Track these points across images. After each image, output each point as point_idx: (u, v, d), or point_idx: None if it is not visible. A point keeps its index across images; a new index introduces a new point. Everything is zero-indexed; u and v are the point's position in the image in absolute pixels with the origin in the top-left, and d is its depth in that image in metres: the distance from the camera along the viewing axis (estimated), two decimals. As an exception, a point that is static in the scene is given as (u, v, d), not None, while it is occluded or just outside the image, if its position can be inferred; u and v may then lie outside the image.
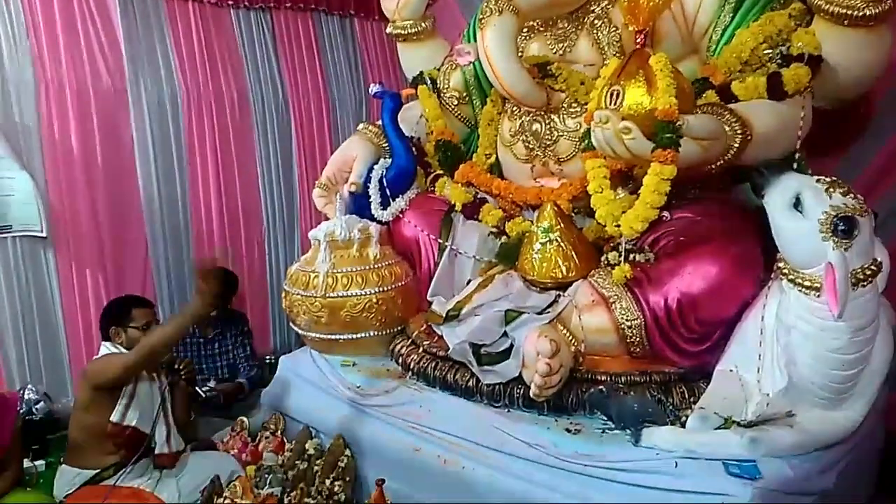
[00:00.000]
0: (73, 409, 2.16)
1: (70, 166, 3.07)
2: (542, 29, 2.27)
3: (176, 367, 2.26)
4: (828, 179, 1.56)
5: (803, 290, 1.53)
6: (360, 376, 2.18)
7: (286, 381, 2.39)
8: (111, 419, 2.01)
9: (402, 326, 2.28)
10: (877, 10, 1.73)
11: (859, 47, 1.85)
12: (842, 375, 1.54)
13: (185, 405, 2.27)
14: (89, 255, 3.13)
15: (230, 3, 3.60)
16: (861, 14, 1.74)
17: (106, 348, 2.17)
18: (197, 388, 2.54)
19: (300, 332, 2.33)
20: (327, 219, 2.34)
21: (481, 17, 2.04)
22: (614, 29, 2.09)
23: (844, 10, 1.75)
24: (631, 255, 1.84)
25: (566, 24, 2.20)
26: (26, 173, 2.89)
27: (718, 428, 1.59)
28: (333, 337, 2.24)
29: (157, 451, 2.08)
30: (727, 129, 1.69)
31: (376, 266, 2.21)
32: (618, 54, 2.04)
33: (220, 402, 2.93)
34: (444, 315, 2.05)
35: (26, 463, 2.33)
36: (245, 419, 2.45)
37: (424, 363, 2.05)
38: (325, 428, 2.16)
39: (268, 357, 3.42)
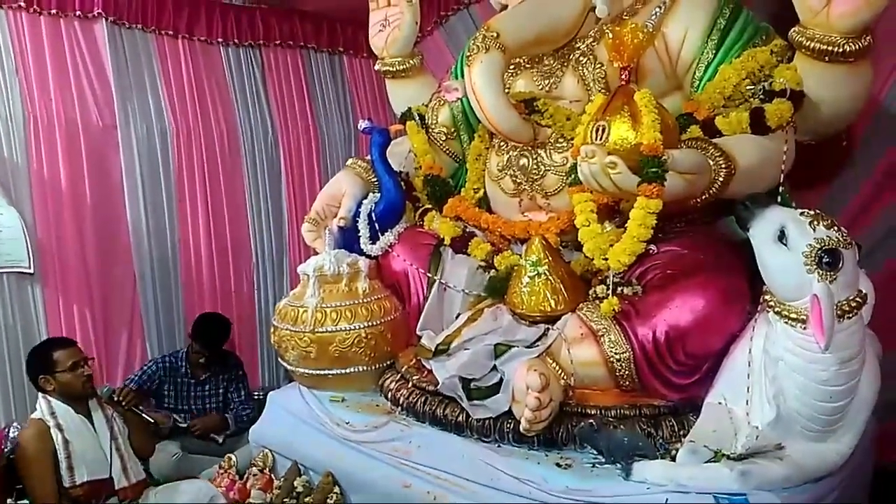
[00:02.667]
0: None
1: (58, 202, 3.06)
2: (528, 66, 2.30)
3: (115, 398, 2.25)
4: (811, 212, 1.57)
5: (790, 322, 1.54)
6: (349, 412, 2.16)
7: (275, 417, 2.36)
8: (64, 485, 2.00)
9: (391, 361, 2.27)
10: (856, 47, 1.76)
11: (840, 83, 1.88)
12: (830, 407, 1.54)
13: (143, 433, 2.25)
14: (77, 291, 3.11)
15: (220, 40, 3.65)
16: (841, 50, 1.77)
17: (40, 407, 2.16)
18: (144, 414, 2.51)
19: (289, 367, 2.31)
20: (316, 253, 2.34)
21: (468, 54, 2.06)
22: (599, 66, 2.13)
23: (825, 47, 1.79)
24: (619, 289, 1.85)
25: (552, 61, 2.24)
26: (14, 209, 2.89)
27: (708, 461, 1.58)
28: (322, 372, 2.22)
29: (116, 487, 2.06)
30: (711, 163, 1.72)
31: (365, 300, 2.21)
32: (603, 90, 2.07)
33: (200, 434, 2.91)
34: (433, 349, 2.04)
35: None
36: (233, 456, 2.42)
37: (414, 398, 2.04)
38: (314, 464, 2.13)
39: (256, 393, 3.39)
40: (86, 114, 3.17)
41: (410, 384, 2.09)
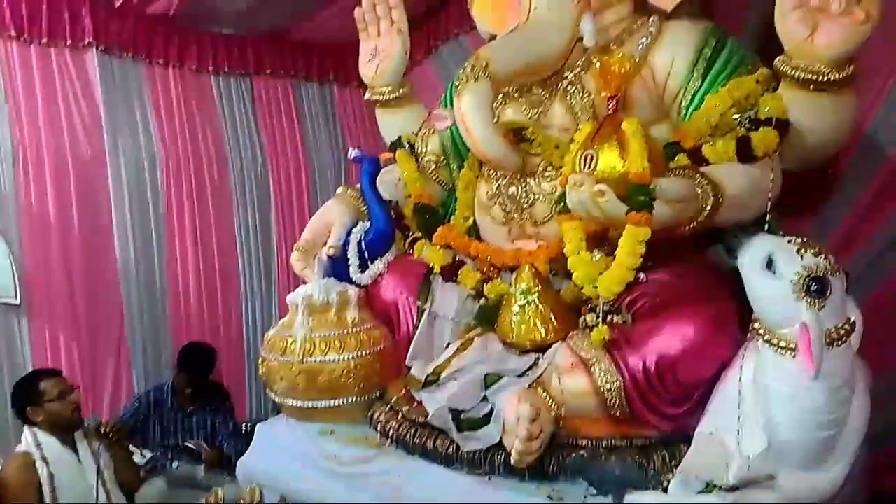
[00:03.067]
0: None
1: (46, 232, 3.05)
2: (516, 95, 2.31)
3: (102, 430, 2.21)
4: (799, 240, 1.58)
5: (779, 350, 1.53)
6: (338, 444, 2.13)
7: (262, 450, 2.33)
8: None
9: (381, 392, 2.24)
10: (841, 76, 1.78)
11: (825, 111, 1.90)
12: (821, 436, 1.53)
13: (128, 467, 2.21)
14: (63, 321, 3.09)
15: (210, 69, 3.67)
16: (825, 79, 1.79)
17: (26, 439, 2.12)
18: (132, 447, 2.48)
19: (277, 399, 2.28)
20: (306, 283, 2.33)
21: (457, 83, 2.07)
22: (587, 95, 2.14)
23: (809, 76, 1.80)
24: (609, 317, 1.84)
25: (540, 91, 2.25)
26: (1, 239, 2.87)
27: (700, 492, 1.56)
28: (311, 404, 2.20)
29: None
30: (699, 191, 1.72)
31: (355, 330, 2.20)
32: (591, 119, 2.08)
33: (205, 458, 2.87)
34: (423, 380, 2.02)
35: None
36: (220, 490, 2.38)
37: (404, 430, 2.01)
38: (303, 499, 2.10)
39: (244, 424, 3.35)
40: (75, 143, 3.17)
41: (400, 415, 2.07)
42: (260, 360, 2.31)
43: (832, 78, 1.78)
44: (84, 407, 2.60)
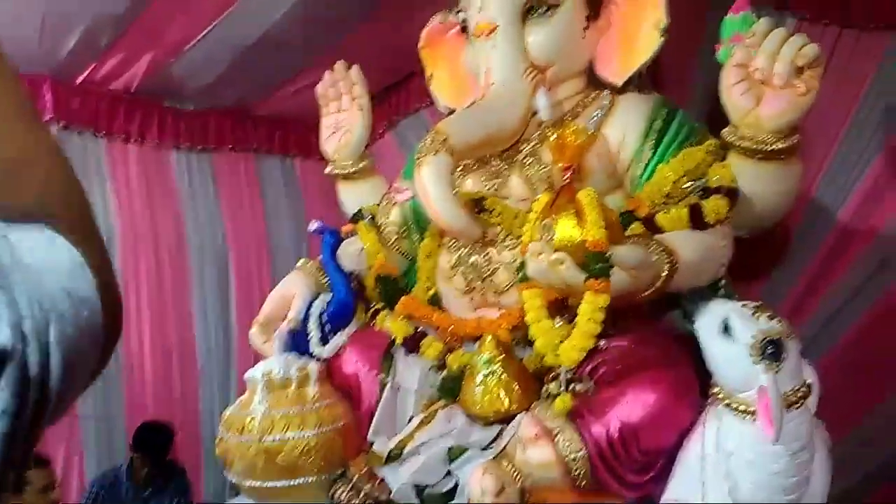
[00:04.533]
0: None
1: None
2: (475, 167, 2.36)
3: None
4: (753, 304, 1.61)
5: (739, 414, 1.54)
6: (298, 525, 2.05)
7: (219, 533, 2.23)
8: None
9: (342, 470, 2.17)
10: (786, 145, 1.85)
11: (772, 179, 1.97)
12: (784, 500, 1.53)
13: None
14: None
15: (172, 144, 3.67)
16: (771, 149, 1.86)
17: None
18: None
19: (235, 479, 2.20)
20: (265, 358, 2.28)
21: (418, 156, 2.10)
22: (544, 166, 2.19)
23: (755, 146, 1.87)
24: (571, 385, 1.84)
25: (498, 162, 2.30)
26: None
27: (669, 562, 1.54)
28: (270, 484, 2.12)
29: None
30: (655, 258, 1.75)
31: (315, 406, 2.14)
32: (548, 189, 2.12)
33: None
34: (385, 455, 1.98)
35: None
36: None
37: (366, 509, 1.96)
38: (261, 584, 2.01)
39: (201, 507, 3.22)
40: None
41: (362, 494, 2.00)
42: (217, 440, 2.23)
43: (778, 147, 1.85)
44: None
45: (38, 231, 0.57)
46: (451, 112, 2.56)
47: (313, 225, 2.48)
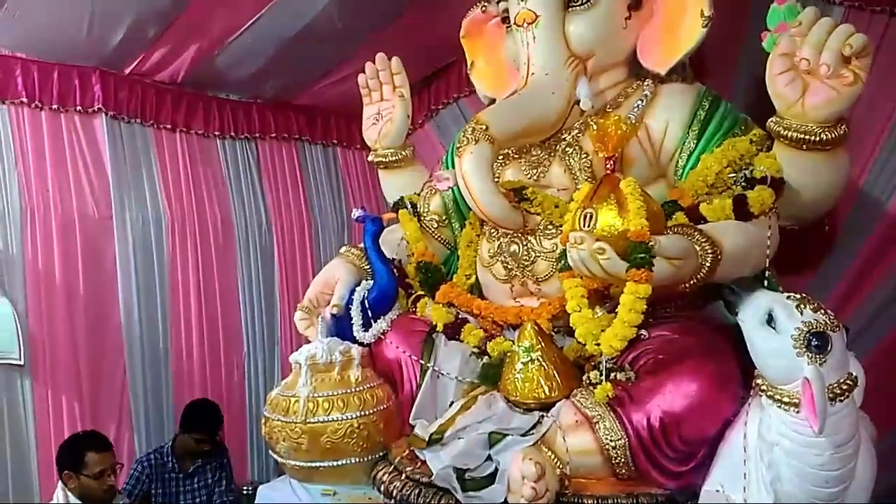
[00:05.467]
0: None
1: (52, 294, 3.07)
2: (516, 156, 2.37)
3: None
4: (798, 296, 1.60)
5: (783, 406, 1.53)
6: (340, 506, 2.10)
7: (264, 512, 2.30)
8: None
9: (384, 452, 2.22)
10: (832, 135, 1.82)
11: (818, 170, 1.94)
12: (826, 493, 1.52)
13: None
14: (66, 384, 3.08)
15: (217, 133, 3.74)
16: (818, 139, 1.83)
17: (57, 496, 2.10)
18: None
19: (280, 459, 2.26)
20: (309, 342, 2.33)
21: (458, 145, 2.12)
22: (585, 155, 2.19)
23: (802, 136, 1.85)
24: (612, 374, 1.85)
25: (539, 152, 2.31)
26: (7, 300, 2.88)
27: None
28: (314, 464, 2.17)
29: None
30: (698, 248, 1.74)
31: (358, 389, 2.18)
32: (589, 179, 2.13)
33: None
34: (426, 439, 2.01)
35: None
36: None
37: (407, 491, 1.98)
38: (305, 561, 2.06)
39: (245, 488, 3.30)
40: (82, 205, 3.22)
41: (404, 476, 2.04)
42: (262, 421, 2.29)
43: (824, 137, 1.83)
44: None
45: None
46: (492, 101, 2.58)
47: (356, 212, 2.51)
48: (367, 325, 2.35)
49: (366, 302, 2.36)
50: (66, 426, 3.00)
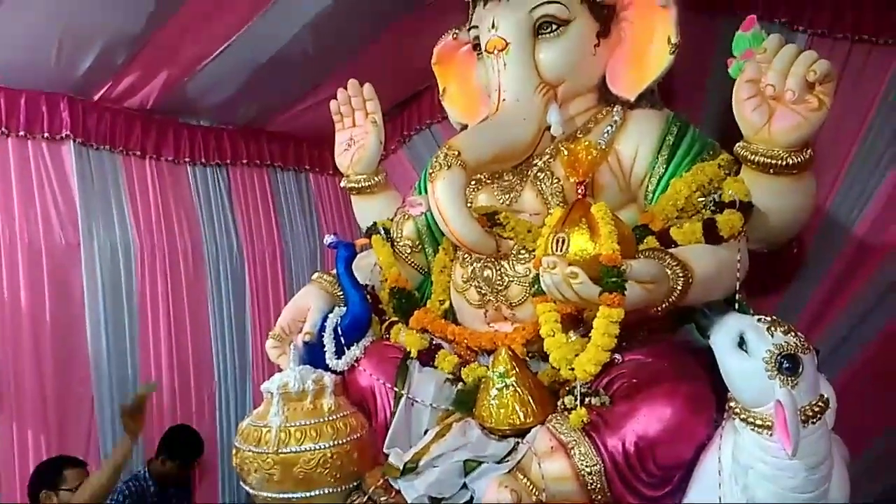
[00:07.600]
0: None
1: (17, 324, 3.00)
2: (488, 181, 2.38)
3: None
4: (769, 318, 1.61)
5: (756, 429, 1.54)
6: (313, 538, 2.06)
7: (235, 546, 2.24)
8: None
9: (358, 482, 2.18)
10: (799, 160, 1.85)
11: (786, 193, 1.97)
12: (802, 515, 1.52)
13: None
14: (32, 416, 3.00)
15: (187, 160, 3.71)
16: (784, 163, 1.85)
17: None
18: None
19: (251, 491, 2.21)
20: (281, 370, 2.30)
21: (431, 170, 2.12)
22: (556, 180, 2.21)
23: (769, 160, 1.87)
24: (587, 399, 1.84)
25: (511, 177, 2.32)
26: (-30, 332, 2.81)
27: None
28: (286, 495, 2.12)
29: None
30: (669, 272, 1.76)
31: (331, 418, 2.15)
32: (561, 204, 2.14)
33: None
34: (401, 468, 1.98)
35: None
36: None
37: (382, 521, 1.96)
38: None
39: (216, 519, 3.23)
40: (49, 233, 3.16)
41: (378, 506, 2.02)
42: (234, 451, 2.24)
43: (791, 162, 1.85)
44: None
45: None
46: (464, 127, 2.59)
47: (329, 238, 2.50)
48: (340, 353, 2.33)
49: (339, 329, 2.34)
50: (31, 458, 2.92)
